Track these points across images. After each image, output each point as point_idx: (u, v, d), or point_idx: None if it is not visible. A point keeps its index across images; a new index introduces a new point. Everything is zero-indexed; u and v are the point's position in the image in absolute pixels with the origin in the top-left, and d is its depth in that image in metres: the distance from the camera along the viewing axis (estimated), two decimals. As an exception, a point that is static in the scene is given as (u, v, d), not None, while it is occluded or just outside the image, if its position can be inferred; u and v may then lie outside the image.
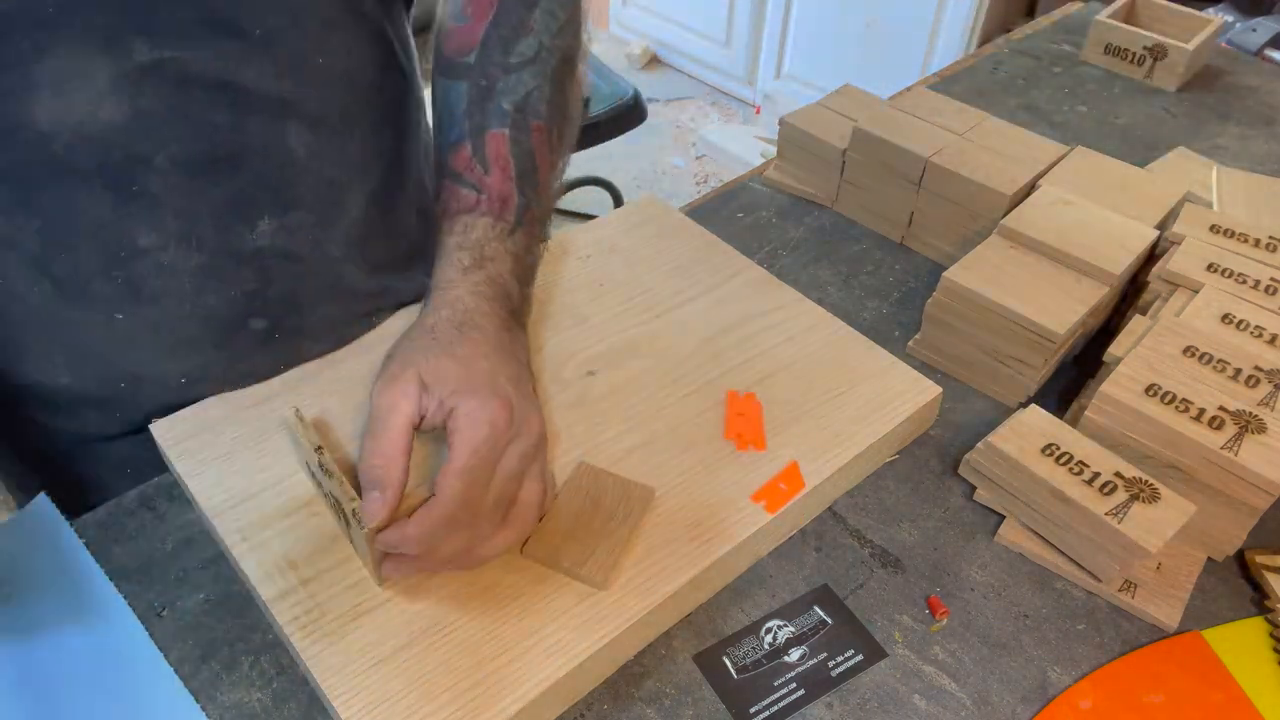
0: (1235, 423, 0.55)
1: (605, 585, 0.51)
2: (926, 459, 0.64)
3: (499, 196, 0.60)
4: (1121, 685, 0.52)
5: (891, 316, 0.75)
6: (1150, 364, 0.59)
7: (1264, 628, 0.56)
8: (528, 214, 0.61)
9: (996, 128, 0.82)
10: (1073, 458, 0.57)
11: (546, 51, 0.62)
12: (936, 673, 0.52)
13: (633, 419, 0.60)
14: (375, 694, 0.46)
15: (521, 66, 0.61)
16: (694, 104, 2.99)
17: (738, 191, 0.88)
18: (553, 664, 0.48)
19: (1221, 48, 1.13)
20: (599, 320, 0.67)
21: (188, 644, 0.52)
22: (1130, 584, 0.56)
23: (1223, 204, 0.76)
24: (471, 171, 0.60)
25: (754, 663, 0.52)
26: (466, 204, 0.60)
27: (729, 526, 0.54)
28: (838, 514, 0.60)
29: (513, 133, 0.60)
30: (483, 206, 0.59)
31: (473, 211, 0.59)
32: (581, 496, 0.55)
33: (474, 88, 0.60)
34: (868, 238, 0.83)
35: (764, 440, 0.59)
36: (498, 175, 0.60)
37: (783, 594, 0.55)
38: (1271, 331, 0.61)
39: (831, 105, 0.87)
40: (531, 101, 0.61)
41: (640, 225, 0.75)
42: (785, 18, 2.68)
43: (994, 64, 1.08)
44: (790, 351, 0.65)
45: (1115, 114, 1.00)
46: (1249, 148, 0.96)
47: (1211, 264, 0.66)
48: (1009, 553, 0.59)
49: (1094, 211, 0.71)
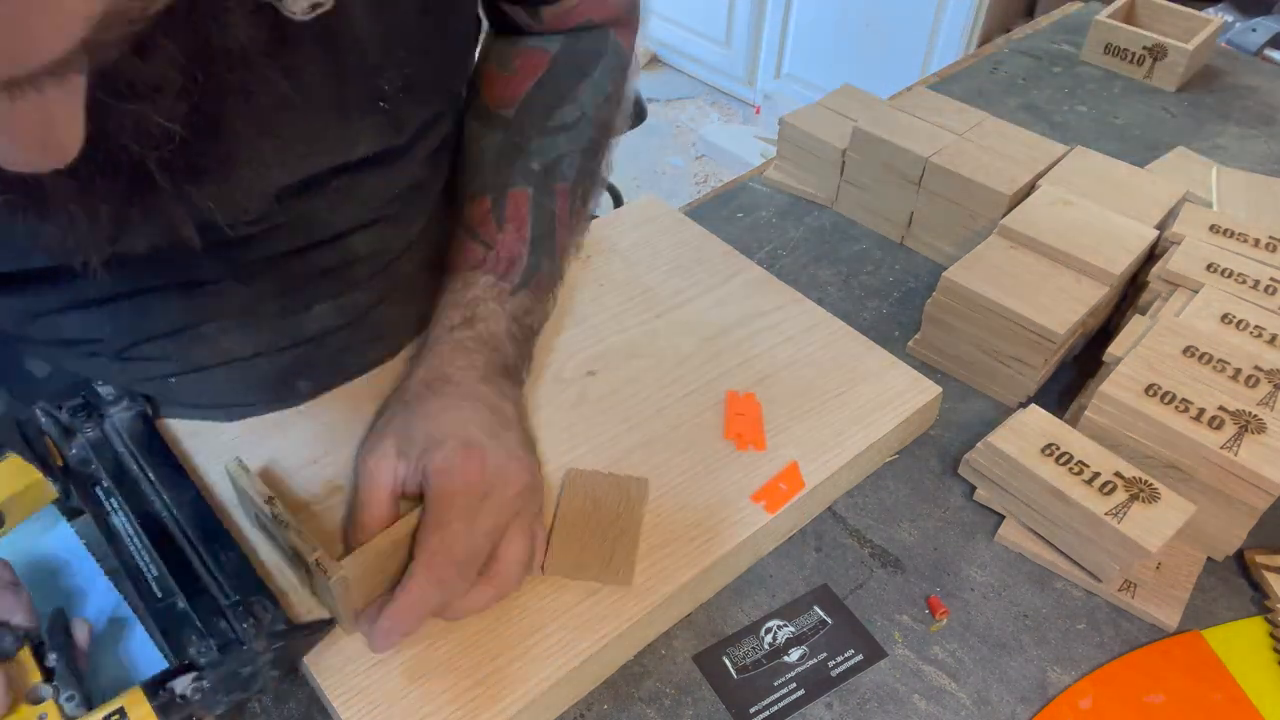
0: (1235, 423, 0.55)
1: (630, 582, 0.51)
2: (926, 459, 0.64)
3: (508, 257, 0.59)
4: (1121, 685, 0.52)
5: (891, 316, 0.75)
6: (1150, 364, 0.59)
7: (1264, 628, 0.56)
8: (535, 276, 0.60)
9: (996, 128, 0.82)
10: (1073, 458, 0.57)
11: (586, 121, 0.62)
12: (936, 673, 0.52)
13: (632, 419, 0.60)
14: (375, 694, 0.46)
15: (558, 131, 0.60)
16: (694, 104, 2.99)
17: (738, 191, 0.88)
18: (553, 664, 0.48)
19: (1221, 48, 1.13)
20: (599, 320, 0.67)
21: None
22: (1130, 584, 0.56)
23: (1222, 204, 0.76)
24: (485, 227, 0.59)
25: (754, 663, 0.52)
26: (473, 260, 0.59)
27: (729, 526, 0.54)
28: (838, 514, 0.60)
29: (536, 194, 0.60)
30: (488, 264, 0.58)
31: (477, 269, 0.58)
32: (582, 500, 0.55)
33: (507, 143, 0.60)
34: (867, 238, 0.83)
35: (764, 440, 0.59)
36: (511, 234, 0.59)
37: (783, 594, 0.55)
38: (1271, 331, 0.61)
39: (831, 105, 0.87)
40: (562, 166, 0.60)
41: (640, 225, 0.75)
42: (785, 18, 2.68)
43: (994, 64, 1.08)
44: (790, 351, 0.65)
45: (1115, 114, 1.00)
46: (1249, 148, 0.96)
47: (1211, 264, 0.66)
48: (1009, 553, 0.59)
49: (1094, 211, 0.71)
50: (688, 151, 2.78)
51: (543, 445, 0.58)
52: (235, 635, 0.45)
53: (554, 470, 0.57)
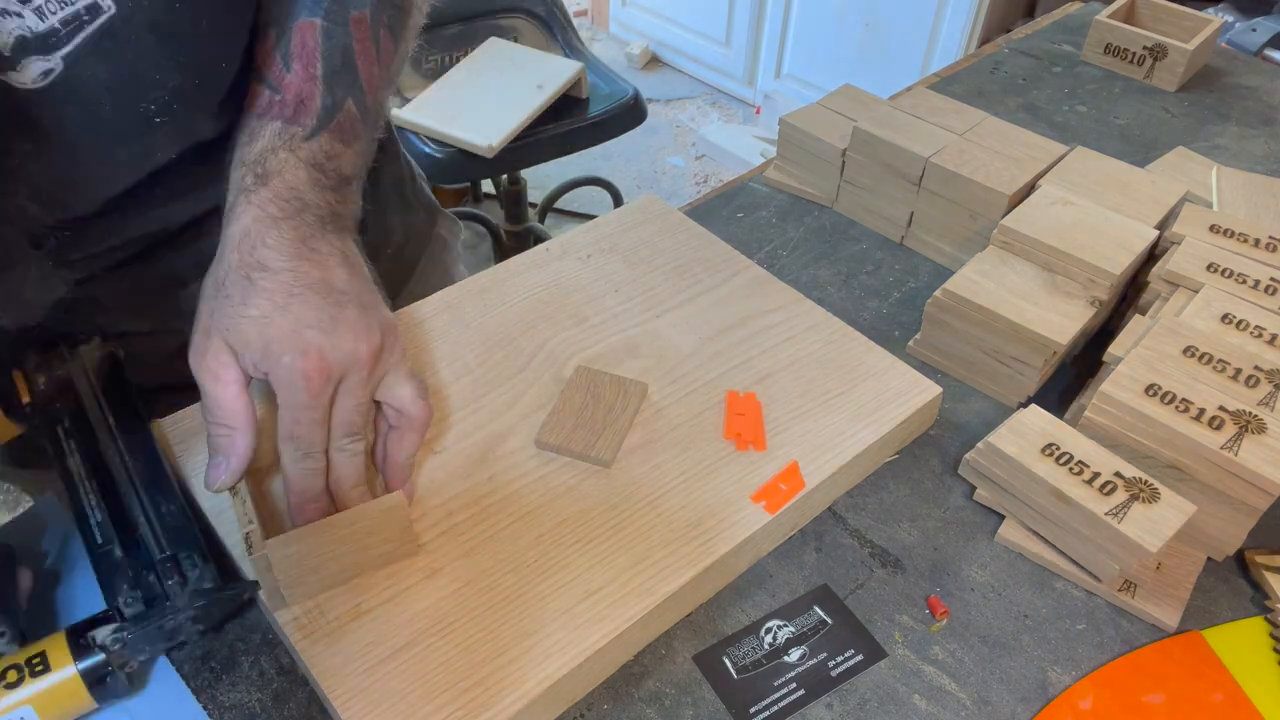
0: (1235, 423, 0.55)
1: (610, 463, 0.57)
2: (926, 459, 0.64)
3: (296, 97, 0.53)
4: (1121, 685, 0.52)
5: (891, 316, 0.75)
6: (1150, 364, 0.59)
7: (1264, 628, 0.56)
8: (335, 117, 0.54)
9: (996, 128, 0.82)
10: (1073, 458, 0.57)
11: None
12: (936, 673, 0.52)
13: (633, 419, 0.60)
14: (375, 694, 0.46)
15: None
16: (694, 104, 2.99)
17: (738, 191, 0.88)
18: (553, 664, 0.48)
19: (1221, 48, 1.13)
20: (599, 320, 0.67)
21: (188, 644, 0.52)
22: (1130, 584, 0.56)
23: (1222, 204, 0.76)
24: (270, 67, 0.54)
25: (754, 663, 0.52)
26: (259, 106, 0.54)
27: (729, 526, 0.54)
28: (838, 514, 0.60)
29: (325, 23, 0.54)
30: (275, 109, 0.53)
31: (264, 115, 0.53)
32: (583, 393, 0.60)
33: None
34: (868, 238, 0.83)
35: (764, 440, 0.59)
36: (299, 72, 0.53)
37: (783, 594, 0.55)
38: (1271, 331, 0.61)
39: (831, 105, 0.87)
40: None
41: (640, 225, 0.75)
42: (785, 18, 2.68)
43: (994, 64, 1.08)
44: (790, 351, 0.65)
45: (1115, 114, 1.00)
46: (1249, 148, 0.96)
47: (1211, 264, 0.66)
48: (1009, 553, 0.59)
49: (1094, 211, 0.71)
50: (688, 151, 2.78)
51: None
52: (161, 590, 0.46)
53: (550, 458, 0.57)
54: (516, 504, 0.55)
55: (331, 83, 0.54)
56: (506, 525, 0.54)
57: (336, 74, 0.54)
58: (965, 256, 0.73)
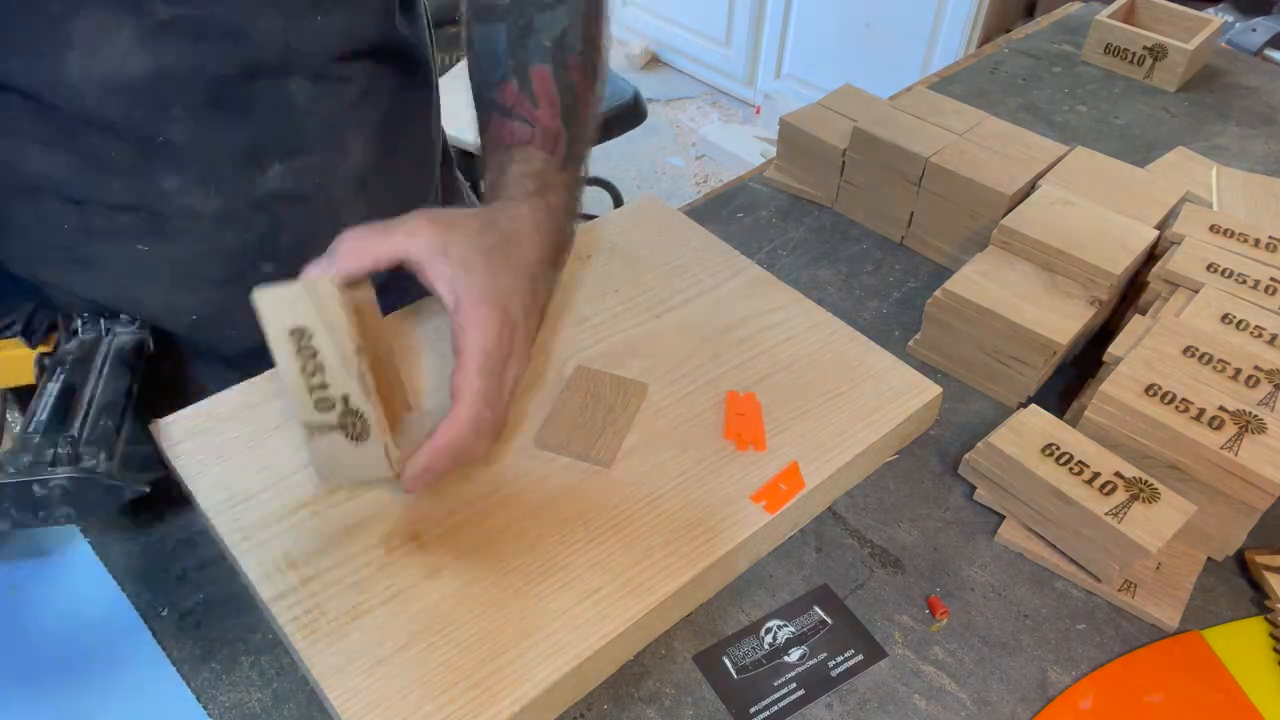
0: (1235, 423, 0.55)
1: (610, 463, 0.57)
2: (926, 459, 0.64)
3: (551, 132, 0.61)
4: (1121, 685, 0.52)
5: (891, 316, 0.75)
6: (1150, 364, 0.59)
7: (1264, 628, 0.56)
8: (573, 151, 0.62)
9: (996, 128, 0.82)
10: (1073, 458, 0.57)
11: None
12: (936, 673, 0.52)
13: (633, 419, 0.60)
14: (375, 694, 0.46)
15: (556, 4, 0.62)
16: (694, 104, 2.99)
17: (737, 191, 0.88)
18: (553, 664, 0.48)
19: (1221, 48, 1.13)
20: (599, 320, 0.67)
21: (188, 644, 0.52)
22: (1130, 584, 0.56)
23: (1223, 204, 0.76)
24: (521, 106, 0.61)
25: (754, 663, 0.52)
26: (521, 137, 0.61)
27: (729, 526, 0.54)
28: (838, 514, 0.60)
29: (555, 69, 0.62)
30: (536, 141, 0.61)
31: (528, 145, 0.61)
32: (583, 393, 0.60)
33: (513, 28, 0.62)
34: (868, 238, 0.83)
35: (764, 440, 0.59)
36: (546, 110, 0.61)
37: (783, 594, 0.55)
38: (1271, 331, 0.61)
39: (831, 105, 0.87)
40: (568, 38, 0.62)
41: (640, 225, 0.75)
42: (785, 18, 2.68)
43: (994, 64, 1.08)
44: (790, 351, 0.65)
45: (1115, 114, 1.00)
46: (1249, 148, 0.96)
47: (1211, 264, 0.66)
48: (1009, 553, 0.59)
49: (1094, 211, 0.71)
50: (688, 151, 2.79)
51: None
52: (53, 457, 0.47)
53: (549, 458, 0.57)
54: (516, 504, 0.55)
55: (568, 119, 0.62)
56: (506, 525, 0.54)
57: (570, 112, 0.62)
58: (965, 256, 0.73)
